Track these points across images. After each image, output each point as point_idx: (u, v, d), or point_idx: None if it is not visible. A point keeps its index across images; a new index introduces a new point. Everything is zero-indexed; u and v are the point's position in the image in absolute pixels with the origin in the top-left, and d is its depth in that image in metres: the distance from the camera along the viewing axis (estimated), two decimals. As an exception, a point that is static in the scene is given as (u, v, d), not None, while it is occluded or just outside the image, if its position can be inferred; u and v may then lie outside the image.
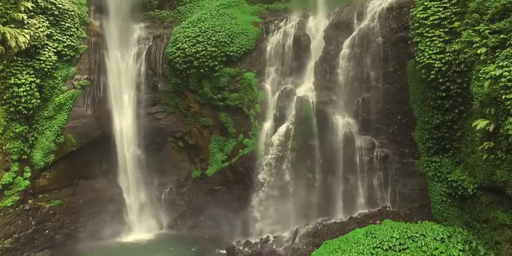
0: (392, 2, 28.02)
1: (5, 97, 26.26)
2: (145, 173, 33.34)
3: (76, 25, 30.40)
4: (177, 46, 31.23)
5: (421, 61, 24.07)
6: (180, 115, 33.61)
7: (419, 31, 24.43)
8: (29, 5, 26.99)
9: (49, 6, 28.61)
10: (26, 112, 27.06)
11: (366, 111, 27.73)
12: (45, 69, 28.07)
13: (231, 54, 30.79)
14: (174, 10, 36.50)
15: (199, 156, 33.47)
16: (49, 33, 28.44)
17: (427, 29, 24.03)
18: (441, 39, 23.61)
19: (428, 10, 24.07)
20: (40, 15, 28.13)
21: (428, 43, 23.85)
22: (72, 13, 30.07)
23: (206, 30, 30.88)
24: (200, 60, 30.63)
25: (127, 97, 32.98)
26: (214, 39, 30.49)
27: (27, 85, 26.84)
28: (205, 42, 30.56)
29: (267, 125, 29.81)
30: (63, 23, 29.49)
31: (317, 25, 31.37)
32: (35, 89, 27.40)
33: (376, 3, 29.06)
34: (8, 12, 25.85)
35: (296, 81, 30.01)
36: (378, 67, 27.61)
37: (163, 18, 36.44)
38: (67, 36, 29.73)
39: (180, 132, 33.50)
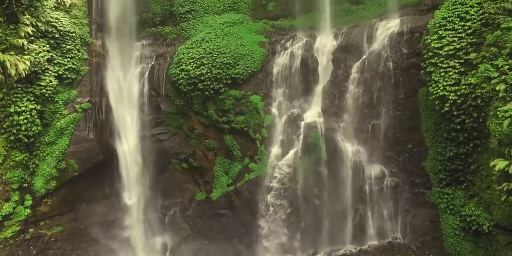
0: (403, 26, 27.05)
1: (4, 125, 25.31)
2: (148, 195, 32.48)
3: (77, 47, 29.36)
4: (181, 67, 30.25)
5: (435, 92, 23.21)
6: (184, 136, 32.68)
7: (433, 61, 23.54)
8: (29, 29, 25.95)
9: (50, 29, 27.58)
10: (26, 140, 26.13)
11: (376, 138, 26.86)
12: (46, 95, 27.10)
13: (237, 76, 29.83)
14: (177, 26, 35.42)
15: (204, 178, 32.58)
16: (50, 57, 27.44)
17: (441, 59, 23.14)
18: (456, 71, 22.73)
19: (442, 40, 23.15)
20: (40, 39, 27.11)
21: (443, 74, 22.96)
22: (73, 34, 29.02)
23: (211, 51, 29.87)
24: (205, 82, 29.67)
25: (130, 118, 32.01)
26: (219, 61, 29.51)
27: (27, 113, 25.87)
28: (210, 64, 29.57)
29: (274, 150, 28.93)
30: (64, 45, 28.46)
31: (325, 46, 30.38)
32: (36, 116, 26.44)
33: (386, 25, 28.12)
34: (7, 38, 24.81)
35: (304, 105, 29.08)
36: (389, 93, 26.73)
37: (166, 35, 35.39)
38: (68, 59, 28.72)
39: (184, 153, 32.58)
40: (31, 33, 26.16)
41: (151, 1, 35.11)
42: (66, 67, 28.55)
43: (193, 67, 29.86)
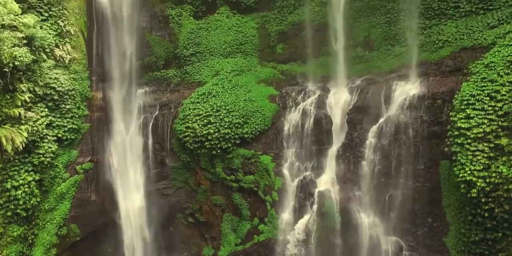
0: (424, 89, 25.04)
1: (1, 201, 23.29)
2: (152, 252, 30.71)
3: (77, 104, 27.24)
4: (187, 125, 28.21)
5: (460, 175, 21.29)
6: (190, 190, 30.84)
7: (459, 141, 21.56)
8: (26, 97, 23.84)
9: (49, 92, 25.42)
10: (25, 213, 24.16)
11: (393, 210, 25.09)
12: (45, 162, 25.09)
13: (246, 135, 27.86)
14: (181, 69, 33.31)
15: (211, 233, 30.83)
16: (48, 122, 25.30)
17: (469, 141, 21.17)
18: (485, 155, 20.80)
19: (471, 120, 21.15)
20: (38, 104, 24.97)
21: (470, 157, 21.02)
22: (73, 92, 26.87)
23: (218, 109, 27.79)
24: (212, 142, 27.69)
25: (133, 173, 30.15)
26: (227, 120, 27.46)
27: (25, 186, 23.92)
28: (217, 124, 27.52)
29: (286, 216, 27.19)
30: (64, 106, 26.36)
31: (339, 102, 28.37)
32: (34, 187, 24.46)
33: (405, 86, 26.10)
34: (3, 110, 22.70)
35: (317, 169, 27.22)
36: (408, 162, 24.84)
37: (169, 78, 33.28)
38: (68, 119, 26.62)
39: (190, 208, 30.81)
40: (28, 100, 23.95)
41: (154, 44, 32.88)
42: (66, 129, 26.48)
43: (200, 126, 27.80)
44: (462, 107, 21.55)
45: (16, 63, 22.04)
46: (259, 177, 27.94)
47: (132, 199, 29.84)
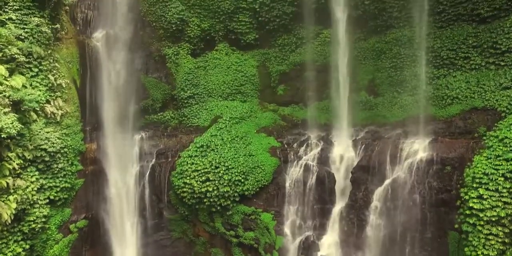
0: (433, 153, 23.52)
1: (-10, 275, 21.89)
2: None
3: (70, 161, 25.66)
4: (184, 181, 26.75)
5: (472, 257, 19.84)
6: (188, 241, 29.53)
7: (471, 221, 20.16)
8: (15, 164, 22.25)
9: (39, 154, 23.77)
10: (15, 286, 22.74)
11: (399, 278, 23.71)
12: (36, 229, 23.54)
13: (246, 192, 26.41)
14: (179, 112, 31.78)
15: (210, 284, 29.55)
16: (39, 186, 23.74)
17: (481, 223, 19.78)
18: (500, 240, 19.39)
19: (484, 202, 19.72)
20: (28, 169, 23.34)
21: (483, 240, 19.64)
22: (65, 149, 25.26)
23: (217, 165, 26.27)
24: (211, 199, 26.30)
25: (130, 225, 28.72)
26: (226, 178, 25.98)
27: (15, 257, 22.40)
28: (216, 181, 26.05)
29: (287, 277, 25.82)
30: (56, 165, 24.75)
31: (343, 157, 26.87)
32: (25, 256, 22.99)
33: (413, 146, 24.59)
34: (-11, 182, 21.11)
35: (319, 229, 25.95)
36: (415, 229, 23.52)
37: (167, 121, 31.74)
38: (60, 178, 25.03)
39: (188, 260, 29.45)
40: (17, 167, 22.38)
41: (150, 87, 31.26)
42: (59, 189, 24.93)
43: (198, 182, 26.33)
44: (475, 185, 20.05)
45: (2, 135, 20.40)
46: (259, 234, 26.59)
47: (129, 253, 28.47)
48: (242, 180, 26.17)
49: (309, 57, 31.71)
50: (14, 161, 22.17)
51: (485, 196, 19.60)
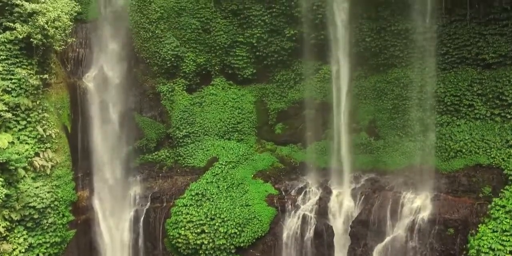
0: (435, 213, 22.51)
1: None
2: None
3: (61, 213, 24.68)
4: (179, 231, 25.82)
5: None
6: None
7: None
8: (1, 227, 21.37)
9: (27, 213, 22.77)
10: None
11: None
12: (24, 292, 22.62)
13: (242, 244, 25.45)
14: (174, 151, 30.68)
15: None
16: (27, 246, 22.78)
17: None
18: None
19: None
20: (15, 229, 22.41)
21: None
22: (56, 202, 24.30)
23: (212, 217, 25.33)
24: (207, 252, 25.38)
25: (123, 274, 27.80)
26: (222, 231, 25.06)
27: None
28: (211, 234, 25.12)
29: None
30: (45, 221, 23.77)
31: (341, 206, 25.89)
32: None
33: (414, 202, 23.64)
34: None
35: (318, 285, 24.86)
36: (416, 294, 22.48)
37: (162, 161, 30.69)
38: (50, 233, 24.07)
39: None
40: (3, 230, 21.42)
41: (144, 126, 30.18)
42: (49, 245, 23.95)
43: (193, 234, 25.41)
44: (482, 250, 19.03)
45: (-14, 204, 19.40)
46: (257, 287, 25.71)
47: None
48: (238, 232, 25.23)
49: (308, 94, 30.57)
50: (0, 225, 21.15)
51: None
